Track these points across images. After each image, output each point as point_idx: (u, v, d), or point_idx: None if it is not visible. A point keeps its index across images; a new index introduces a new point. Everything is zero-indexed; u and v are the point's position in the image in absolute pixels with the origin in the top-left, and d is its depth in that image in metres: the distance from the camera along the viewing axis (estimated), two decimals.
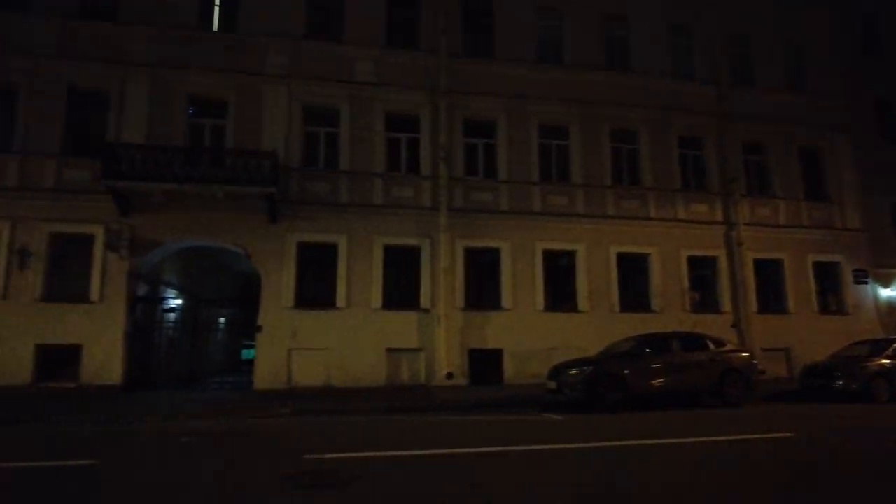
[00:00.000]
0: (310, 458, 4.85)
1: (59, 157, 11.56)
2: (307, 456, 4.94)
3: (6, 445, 6.00)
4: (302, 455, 4.97)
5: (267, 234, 11.73)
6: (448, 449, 5.43)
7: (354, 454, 5.12)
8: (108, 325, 11.16)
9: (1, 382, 10.70)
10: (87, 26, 11.90)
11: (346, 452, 5.18)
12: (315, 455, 4.96)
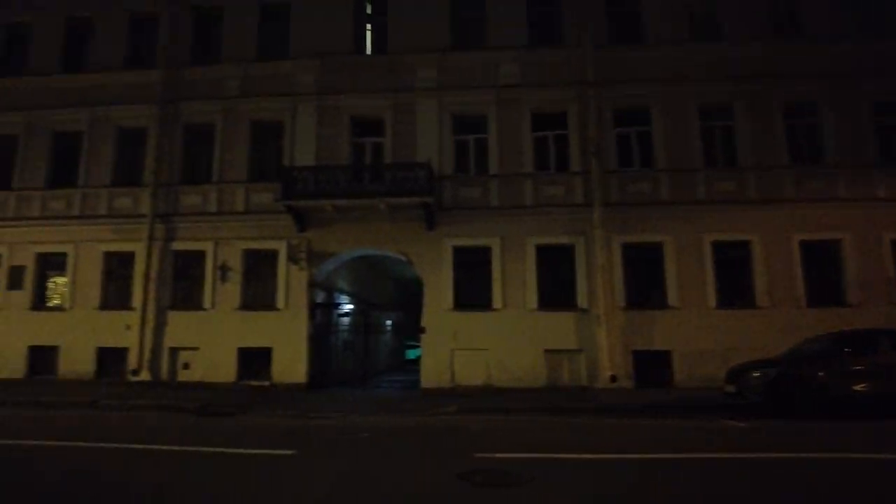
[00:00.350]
0: (481, 457, 5.30)
1: (247, 184, 14.21)
2: (478, 455, 5.43)
3: (220, 434, 7.37)
4: (473, 454, 5.49)
5: (425, 240, 13.26)
6: (622, 454, 5.56)
7: (524, 455, 5.51)
8: (293, 330, 13.42)
9: (214, 379, 13.41)
10: (266, 65, 14.46)
11: (515, 453, 5.61)
12: (486, 454, 5.45)
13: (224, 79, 14.81)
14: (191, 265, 14.31)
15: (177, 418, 8.85)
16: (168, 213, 14.36)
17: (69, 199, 15.02)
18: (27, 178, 15.28)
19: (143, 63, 15.55)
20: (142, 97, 15.03)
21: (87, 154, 15.12)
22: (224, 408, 9.76)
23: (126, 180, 15.02)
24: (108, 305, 14.49)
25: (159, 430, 7.69)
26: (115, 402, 10.14)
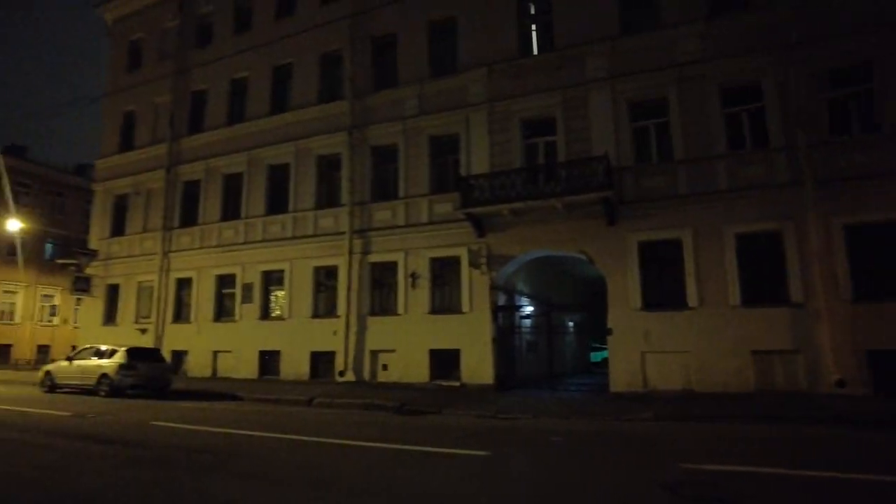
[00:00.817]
0: (687, 468, 5.38)
1: (429, 196, 16.66)
2: (684, 465, 5.53)
3: (417, 432, 8.51)
4: (678, 463, 5.65)
5: (607, 237, 14.17)
6: (861, 474, 5.29)
7: (737, 468, 5.44)
8: (478, 332, 15.32)
9: (409, 380, 15.93)
10: (439, 82, 16.98)
11: (727, 465, 5.57)
12: (692, 465, 5.54)
13: (402, 100, 17.62)
14: (385, 274, 17.28)
15: (379, 416, 10.72)
16: (363, 228, 17.53)
17: (283, 223, 19.19)
18: (252, 208, 19.90)
19: (333, 96, 19.19)
20: (334, 127, 18.62)
21: (294, 182, 19.15)
22: (419, 407, 11.77)
23: (327, 202, 18.71)
24: (318, 314, 18.14)
25: (364, 426, 9.19)
26: (326, 401, 12.88)
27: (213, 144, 21.24)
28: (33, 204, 36.75)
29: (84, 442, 7.47)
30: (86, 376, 14.53)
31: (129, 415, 10.54)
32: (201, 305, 20.38)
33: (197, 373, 19.83)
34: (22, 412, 10.86)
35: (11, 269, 35.42)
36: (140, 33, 24.64)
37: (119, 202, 23.69)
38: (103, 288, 22.95)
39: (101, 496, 4.77)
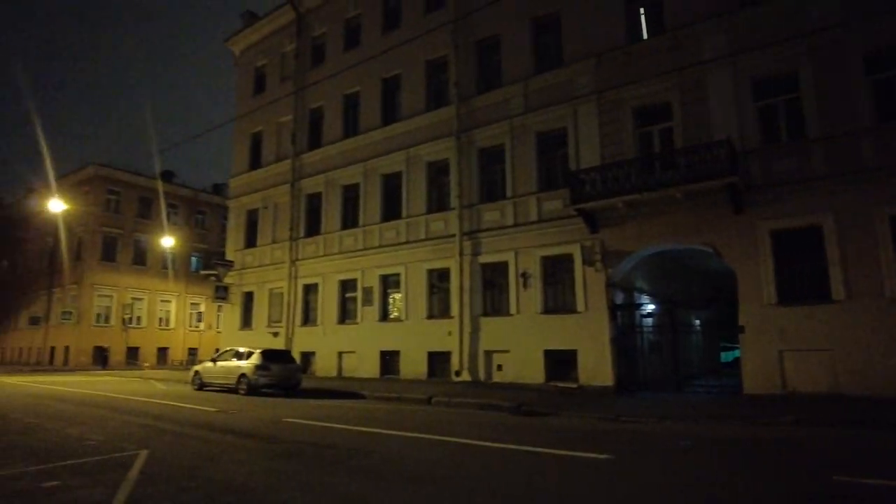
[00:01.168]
0: (841, 481, 4.95)
1: (538, 194, 16.48)
2: (837, 477, 5.10)
3: (534, 433, 8.44)
4: (829, 476, 5.23)
5: (733, 226, 13.20)
6: None
7: None
8: (595, 332, 14.88)
9: (524, 380, 15.84)
10: (544, 77, 16.66)
11: (890, 479, 5.13)
12: (847, 477, 5.08)
13: (508, 100, 17.63)
14: (496, 275, 17.38)
15: (496, 416, 10.72)
16: (473, 230, 17.75)
17: (397, 229, 19.93)
18: (368, 216, 20.90)
19: (440, 102, 19.64)
20: (442, 133, 19.05)
21: (406, 189, 19.82)
22: (536, 408, 11.67)
23: (437, 207, 19.18)
24: (433, 315, 18.61)
25: (483, 426, 9.20)
26: (444, 400, 13.14)
27: (331, 158, 22.62)
28: (180, 223, 41.41)
29: (228, 435, 8.28)
30: (227, 376, 16.04)
31: (265, 411, 11.48)
32: (326, 309, 21.74)
33: (323, 372, 21.16)
34: (178, 407, 12.24)
35: (165, 280, 40.13)
36: (263, 60, 26.88)
37: (251, 216, 25.98)
38: (240, 295, 25.25)
39: (245, 485, 5.24)
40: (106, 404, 12.58)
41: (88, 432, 8.37)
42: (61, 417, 10.18)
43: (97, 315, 37.02)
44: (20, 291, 43.38)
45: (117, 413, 10.97)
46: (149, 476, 5.50)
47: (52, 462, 6.21)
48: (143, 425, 9.24)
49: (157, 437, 8.07)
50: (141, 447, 7.07)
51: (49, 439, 7.75)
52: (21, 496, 4.83)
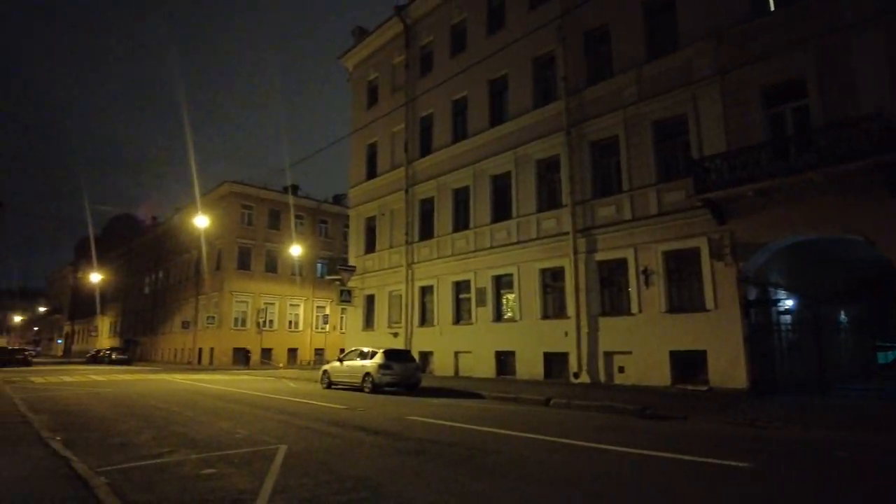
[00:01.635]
0: None
1: (656, 186, 15.71)
2: None
3: (664, 437, 8.15)
4: None
5: (890, 212, 11.70)
6: None
7: None
8: (727, 331, 13.88)
9: (648, 382, 15.12)
10: (658, 63, 15.88)
11: None
12: None
13: (619, 89, 17.01)
14: (614, 273, 16.82)
15: (619, 419, 10.31)
16: (587, 227, 17.33)
17: (508, 229, 19.94)
18: (479, 218, 21.15)
19: (548, 98, 19.39)
20: (550, 129, 18.80)
21: (515, 189, 19.80)
22: (663, 411, 11.07)
23: (548, 205, 18.94)
24: (548, 315, 18.38)
25: (605, 429, 8.99)
26: (563, 402, 12.87)
27: (442, 163, 23.15)
28: (306, 232, 44.43)
29: (358, 432, 8.75)
30: (353, 375, 16.94)
31: (390, 409, 11.97)
32: (442, 310, 22.26)
33: (441, 372, 21.65)
34: (309, 404, 13.13)
35: (294, 286, 43.25)
36: (374, 73, 28.15)
37: (369, 223, 27.29)
38: (362, 298, 26.57)
39: (377, 481, 5.52)
40: (247, 401, 13.80)
41: (235, 426, 9.24)
42: (212, 412, 11.33)
43: (235, 319, 40.75)
44: (172, 298, 48.95)
45: (257, 409, 11.99)
46: (289, 468, 5.97)
47: (207, 452, 6.94)
48: (280, 421, 10.02)
49: (293, 432, 8.72)
50: (280, 441, 7.68)
51: (204, 431, 8.67)
52: (186, 480, 5.46)
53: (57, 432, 8.40)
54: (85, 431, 8.60)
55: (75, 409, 11.71)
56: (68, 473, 5.40)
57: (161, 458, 6.52)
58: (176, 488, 5.15)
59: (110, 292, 67.31)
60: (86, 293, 71.97)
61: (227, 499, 4.79)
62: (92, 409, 11.72)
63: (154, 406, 12.37)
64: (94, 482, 5.01)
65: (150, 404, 12.73)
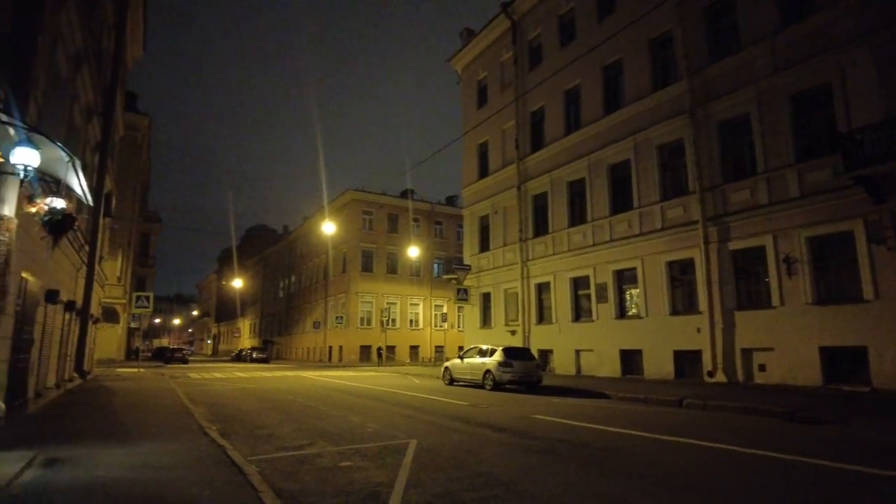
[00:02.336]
0: None
1: (796, 165, 14.28)
2: None
3: (821, 444, 7.23)
4: None
5: None
6: None
7: None
8: (892, 324, 12.24)
9: (794, 382, 13.79)
10: (795, 29, 14.42)
11: None
12: None
13: (750, 62, 15.69)
14: (751, 263, 15.51)
15: (763, 423, 9.57)
16: (717, 214, 16.13)
17: (629, 220, 19.11)
18: (596, 211, 20.47)
19: (667, 80, 18.32)
20: (672, 111, 17.75)
21: (636, 178, 18.91)
22: (817, 414, 9.92)
23: (672, 192, 17.90)
24: (677, 311, 17.38)
25: (748, 433, 8.31)
26: (698, 402, 12.00)
27: (555, 157, 22.72)
28: (422, 234, 45.76)
29: (484, 429, 8.81)
30: (473, 372, 17.14)
31: (513, 407, 11.94)
32: (560, 307, 21.84)
33: (561, 370, 21.24)
34: (434, 400, 13.46)
35: (413, 286, 44.70)
36: (484, 73, 28.30)
37: (482, 222, 27.48)
38: (478, 297, 26.81)
39: (508, 479, 5.50)
40: (375, 396, 14.44)
41: (366, 421, 9.71)
42: (344, 406, 11.99)
43: (361, 318, 42.94)
44: (304, 301, 52.60)
45: (385, 404, 12.50)
46: (420, 463, 6.14)
47: (342, 445, 7.35)
48: (408, 416, 10.37)
49: (421, 427, 8.99)
50: (409, 436, 7.94)
51: (338, 425, 9.19)
52: (325, 472, 5.81)
53: (213, 422, 9.34)
54: (235, 423, 9.48)
55: (226, 402, 12.96)
56: (226, 460, 5.96)
57: (302, 450, 7.01)
58: (317, 478, 5.50)
59: (249, 297, 73.84)
60: (228, 298, 79.71)
61: (364, 490, 5.02)
62: (239, 403, 12.90)
63: (292, 401, 13.35)
64: (247, 470, 5.50)
65: (288, 399, 13.75)
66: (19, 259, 8.07)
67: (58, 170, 5.78)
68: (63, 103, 10.25)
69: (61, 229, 5.78)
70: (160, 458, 5.95)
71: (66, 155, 5.13)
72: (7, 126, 5.02)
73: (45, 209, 5.66)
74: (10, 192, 5.61)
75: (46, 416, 9.09)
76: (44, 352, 10.55)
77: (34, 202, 5.70)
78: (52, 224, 5.64)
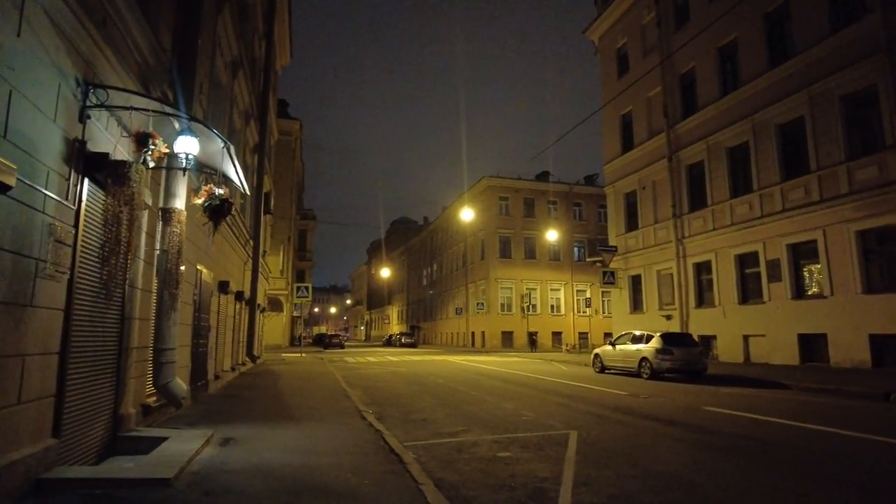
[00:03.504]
0: None
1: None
2: None
3: None
4: None
5: None
6: None
7: None
8: None
9: None
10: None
11: None
12: None
13: None
14: None
15: None
16: None
17: (806, 186, 16.65)
18: (763, 178, 18.12)
19: (850, 19, 15.57)
20: (858, 54, 15.12)
21: (812, 136, 16.37)
22: None
23: (861, 150, 15.33)
24: (873, 288, 14.84)
25: None
26: None
27: (710, 121, 20.43)
28: (560, 216, 44.36)
29: (650, 422, 7.95)
30: (627, 360, 15.98)
31: (679, 398, 10.80)
32: (723, 288, 19.68)
33: (727, 357, 19.16)
34: (587, 388, 12.67)
35: (553, 271, 43.58)
36: (623, 39, 26.35)
37: (628, 199, 25.71)
38: (626, 279, 25.19)
39: (691, 481, 4.75)
40: (524, 382, 13.99)
41: (520, 408, 9.27)
42: (495, 393, 11.68)
43: (501, 304, 42.79)
44: (446, 288, 53.81)
45: (536, 391, 11.99)
46: (585, 457, 5.56)
47: (498, 433, 6.96)
48: (562, 404, 9.76)
49: (579, 417, 8.35)
50: (568, 427, 7.37)
51: (491, 412, 8.85)
52: (484, 462, 5.44)
53: (369, 405, 9.51)
54: (390, 406, 9.55)
55: (380, 386, 13.30)
56: (384, 447, 5.84)
57: (457, 437, 6.74)
58: (476, 469, 5.15)
59: (396, 285, 77.41)
60: (378, 287, 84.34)
61: (529, 486, 4.57)
62: (393, 386, 13.17)
63: (442, 385, 13.36)
64: (405, 458, 5.31)
65: (438, 383, 13.80)
66: (194, 253, 8.72)
67: (215, 160, 6.00)
68: (223, 107, 11.02)
69: (220, 214, 6.04)
70: (321, 443, 5.99)
71: (222, 141, 5.25)
72: (173, 118, 5.25)
73: (207, 196, 5.91)
74: (179, 187, 5.92)
75: (223, 397, 9.87)
76: (219, 338, 11.52)
77: (199, 193, 5.99)
78: (213, 209, 5.90)
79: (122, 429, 5.37)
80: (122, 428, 5.39)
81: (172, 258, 5.58)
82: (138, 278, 5.74)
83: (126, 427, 5.47)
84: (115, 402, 5.23)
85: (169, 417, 6.98)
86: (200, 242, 8.93)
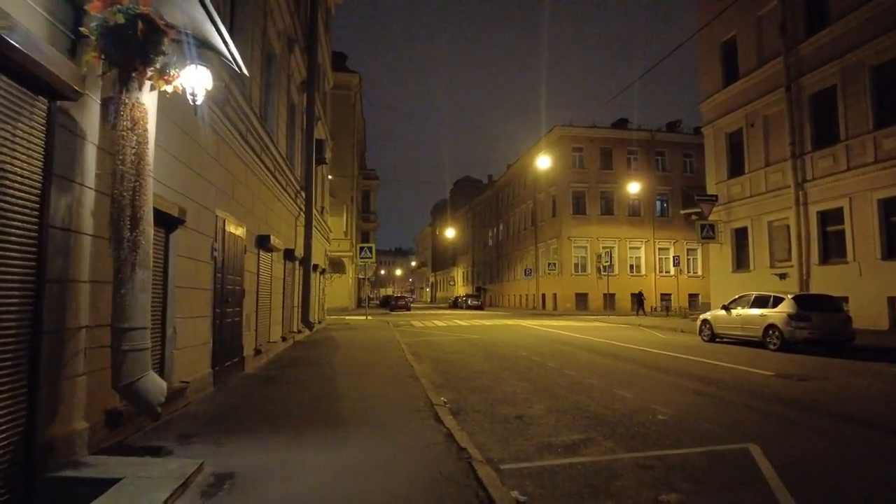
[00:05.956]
0: None
1: None
2: None
3: None
4: None
5: None
6: None
7: None
8: None
9: None
10: None
11: None
12: None
13: None
14: None
15: None
16: None
17: None
18: (851, 126, 14.27)
19: None
20: None
21: None
22: None
23: None
24: None
25: None
26: None
27: (847, 35, 16.42)
28: (640, 167, 40.42)
29: (849, 425, 5.50)
30: (747, 327, 13.23)
31: (849, 381, 8.14)
32: (860, 240, 16.13)
33: (863, 323, 15.77)
34: (711, 364, 10.12)
35: (632, 227, 40.00)
36: None
37: (731, 140, 22.02)
38: (728, 233, 21.80)
39: None
40: (623, 356, 11.56)
41: (643, 396, 6.95)
42: (596, 371, 9.33)
43: (575, 264, 39.81)
44: (513, 248, 51.22)
45: (647, 369, 9.57)
46: None
47: (636, 447, 4.72)
48: (698, 392, 7.33)
49: (738, 415, 5.97)
50: (735, 434, 5.08)
51: (608, 404, 6.54)
52: None
53: (442, 390, 7.42)
54: (469, 392, 7.40)
55: (452, 359, 11.22)
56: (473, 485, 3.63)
57: (579, 455, 4.50)
58: None
59: (460, 246, 75.39)
60: (442, 249, 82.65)
61: None
62: (468, 360, 11.04)
63: (526, 358, 11.15)
64: None
65: (520, 355, 11.60)
66: (206, 191, 6.73)
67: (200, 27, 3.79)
68: (251, 14, 8.85)
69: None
70: (374, 482, 3.78)
71: None
72: None
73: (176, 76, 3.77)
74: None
75: (259, 380, 7.89)
76: (261, 304, 9.65)
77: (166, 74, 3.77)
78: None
79: (49, 463, 3.39)
80: (51, 462, 3.41)
81: (129, 177, 3.51)
82: (81, 216, 3.74)
83: (61, 457, 3.51)
84: (27, 422, 3.24)
85: (156, 426, 4.99)
86: (216, 177, 6.89)
